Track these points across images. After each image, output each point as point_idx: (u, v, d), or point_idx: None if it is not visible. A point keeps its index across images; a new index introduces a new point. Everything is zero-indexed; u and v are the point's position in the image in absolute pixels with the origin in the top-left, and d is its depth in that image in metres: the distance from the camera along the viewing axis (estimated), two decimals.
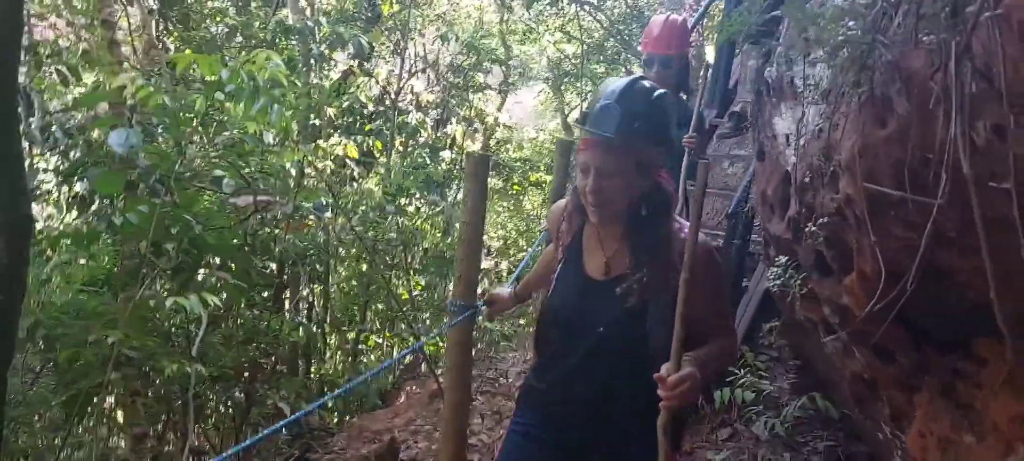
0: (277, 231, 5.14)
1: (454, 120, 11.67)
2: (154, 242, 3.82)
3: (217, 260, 4.91)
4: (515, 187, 13.08)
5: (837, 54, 1.46)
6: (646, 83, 2.13)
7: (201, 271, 5.07)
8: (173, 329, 4.68)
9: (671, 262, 2.09)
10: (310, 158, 6.49)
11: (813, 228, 2.17)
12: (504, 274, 12.73)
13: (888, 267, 2.14)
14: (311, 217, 5.25)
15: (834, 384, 4.02)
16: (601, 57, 12.21)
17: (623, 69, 11.38)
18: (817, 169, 2.27)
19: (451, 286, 3.81)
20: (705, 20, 7.41)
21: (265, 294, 7.07)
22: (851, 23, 1.39)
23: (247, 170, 4.58)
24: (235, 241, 4.42)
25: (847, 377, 3.62)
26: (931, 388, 2.81)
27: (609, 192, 2.11)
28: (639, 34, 10.83)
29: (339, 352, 9.76)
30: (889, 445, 3.35)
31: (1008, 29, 1.06)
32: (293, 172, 6.22)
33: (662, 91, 2.13)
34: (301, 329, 6.08)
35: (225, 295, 4.88)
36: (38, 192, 5.53)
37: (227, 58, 7.77)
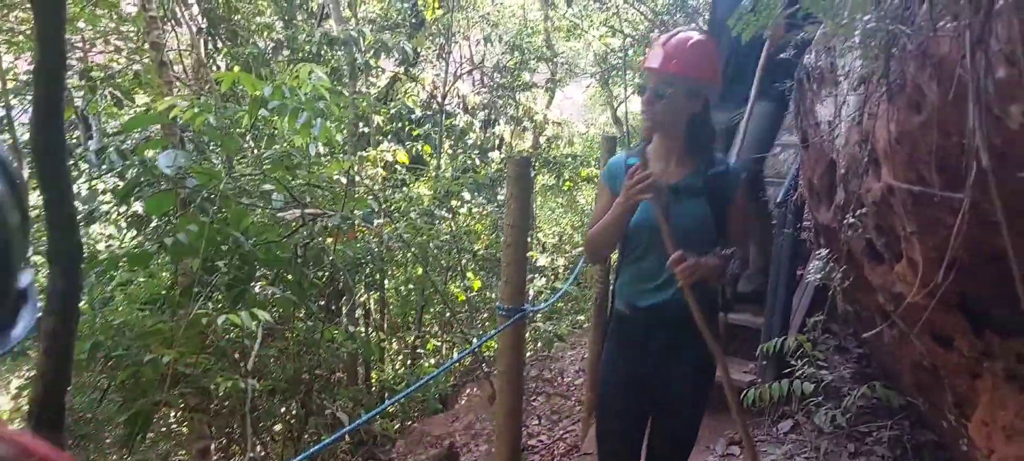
0: (328, 241, 5.21)
1: (502, 120, 11.67)
2: (205, 259, 3.91)
3: (271, 273, 5.00)
4: (566, 184, 13.03)
5: (867, 43, 1.41)
6: None
7: (258, 285, 5.17)
8: (229, 344, 4.77)
9: None
10: (356, 167, 6.54)
11: (852, 219, 2.10)
12: (561, 271, 12.72)
13: (940, 253, 2.06)
14: (362, 226, 5.30)
15: (896, 372, 3.90)
16: (647, 49, 12.07)
17: None
18: (858, 157, 2.21)
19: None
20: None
21: (323, 303, 7.19)
22: (867, 17, 1.32)
23: (294, 183, 4.65)
24: (284, 255, 4.49)
25: (907, 365, 3.51)
26: (995, 374, 2.70)
27: None
28: (684, 23, 10.65)
29: (400, 356, 9.87)
30: (954, 433, 3.24)
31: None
32: (343, 182, 6.30)
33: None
34: (356, 338, 6.14)
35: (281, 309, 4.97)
36: (97, 214, 5.71)
37: (275, 72, 7.96)
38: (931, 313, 2.66)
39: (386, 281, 9.01)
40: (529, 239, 13.06)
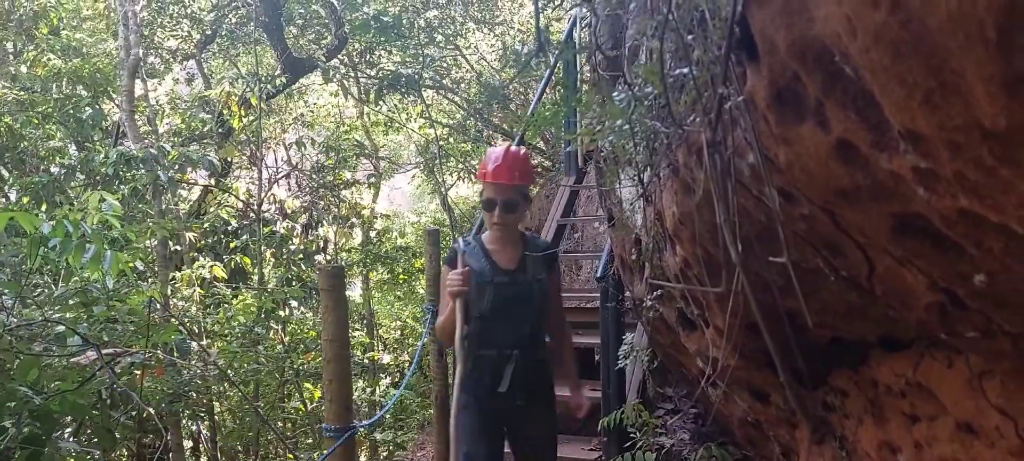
0: (135, 378, 4.77)
1: (326, 221, 11.39)
2: None
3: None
4: (401, 277, 12.86)
5: (635, 136, 1.43)
6: None
7: (70, 435, 4.65)
8: None
9: None
10: (158, 294, 6.09)
11: (650, 301, 2.13)
12: (406, 365, 12.43)
13: (744, 318, 2.11)
14: (170, 356, 4.90)
15: (729, 428, 4.01)
16: (465, 137, 12.29)
17: (486, 146, 11.37)
18: (658, 235, 2.25)
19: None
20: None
21: (146, 441, 6.62)
22: (620, 121, 1.35)
23: (91, 319, 4.24)
24: (85, 401, 4.05)
25: (736, 421, 3.61)
26: (808, 423, 2.81)
27: None
28: (495, 110, 10.94)
29: None
30: None
31: (754, 109, 1.04)
32: (153, 310, 5.85)
33: None
34: None
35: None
36: None
37: (74, 198, 7.38)
38: (745, 372, 2.75)
39: (216, 405, 8.43)
40: (371, 340, 12.70)
